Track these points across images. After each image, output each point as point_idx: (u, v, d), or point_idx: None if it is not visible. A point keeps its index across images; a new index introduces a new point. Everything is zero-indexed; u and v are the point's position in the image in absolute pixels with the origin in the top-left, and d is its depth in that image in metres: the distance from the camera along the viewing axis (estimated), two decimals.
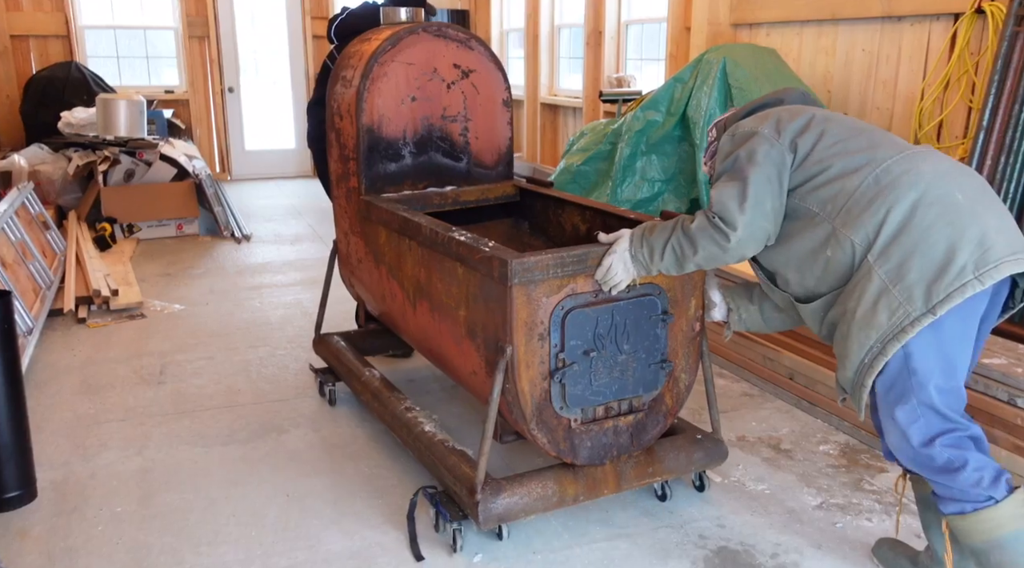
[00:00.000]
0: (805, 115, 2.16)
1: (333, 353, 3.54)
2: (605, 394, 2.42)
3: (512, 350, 2.26)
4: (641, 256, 2.24)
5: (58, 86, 7.93)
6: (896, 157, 2.02)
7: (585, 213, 3.04)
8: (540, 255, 2.24)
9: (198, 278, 5.49)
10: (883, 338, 1.94)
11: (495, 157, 3.39)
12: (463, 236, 2.46)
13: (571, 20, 8.02)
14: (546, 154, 8.49)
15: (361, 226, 3.23)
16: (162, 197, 6.62)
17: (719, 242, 2.11)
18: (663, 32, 6.58)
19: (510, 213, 3.47)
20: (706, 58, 4.72)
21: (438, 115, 3.23)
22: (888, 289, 1.93)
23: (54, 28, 8.57)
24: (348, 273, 3.56)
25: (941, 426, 2.00)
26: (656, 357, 2.46)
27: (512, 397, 2.32)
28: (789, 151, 2.11)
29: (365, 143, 3.11)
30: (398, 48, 3.09)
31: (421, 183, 3.25)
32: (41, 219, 5.55)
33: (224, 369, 3.91)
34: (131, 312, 4.74)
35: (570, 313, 2.29)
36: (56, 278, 4.97)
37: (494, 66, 3.31)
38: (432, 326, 2.77)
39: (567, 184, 5.46)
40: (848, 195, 2.01)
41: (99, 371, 3.88)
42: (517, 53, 9.23)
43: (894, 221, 1.94)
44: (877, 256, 1.95)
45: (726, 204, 2.09)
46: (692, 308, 2.51)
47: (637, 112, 5.01)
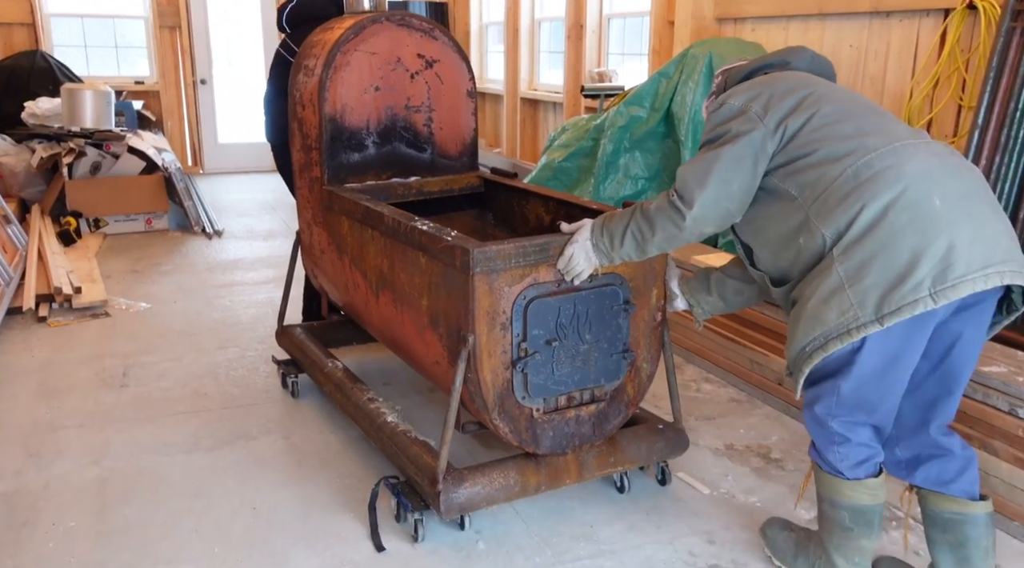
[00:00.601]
0: (799, 94, 2.09)
1: (296, 344, 3.50)
2: (567, 384, 2.41)
3: (474, 339, 2.25)
4: (602, 244, 2.22)
5: (23, 75, 7.66)
6: (882, 150, 1.96)
7: (549, 204, 3.03)
8: (502, 244, 2.22)
9: (166, 275, 5.30)
10: (827, 334, 1.94)
11: (459, 148, 3.37)
12: (425, 225, 2.45)
13: (552, 13, 7.89)
14: (526, 149, 8.36)
15: (324, 216, 3.18)
16: (130, 191, 6.40)
17: (675, 220, 2.09)
18: (646, 26, 6.47)
19: (475, 204, 3.43)
20: (691, 53, 4.61)
21: (402, 105, 3.20)
22: (843, 288, 1.91)
23: (19, 16, 8.28)
24: (311, 264, 3.50)
25: (846, 412, 2.05)
26: (618, 347, 2.47)
27: (474, 386, 2.31)
28: (773, 134, 2.05)
29: (328, 133, 3.07)
30: (361, 37, 3.06)
31: (385, 173, 3.23)
32: (1, 213, 5.34)
33: (191, 371, 3.74)
34: (95, 311, 4.55)
35: (532, 303, 2.29)
36: (16, 275, 4.76)
37: (458, 56, 3.28)
38: (395, 316, 2.75)
39: (548, 180, 5.34)
40: (826, 185, 1.97)
41: (59, 373, 3.69)
42: (496, 47, 9.09)
43: (864, 220, 1.90)
44: (841, 252, 1.92)
45: (687, 181, 2.07)
46: (654, 298, 2.51)
47: (620, 107, 4.89)
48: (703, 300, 2.54)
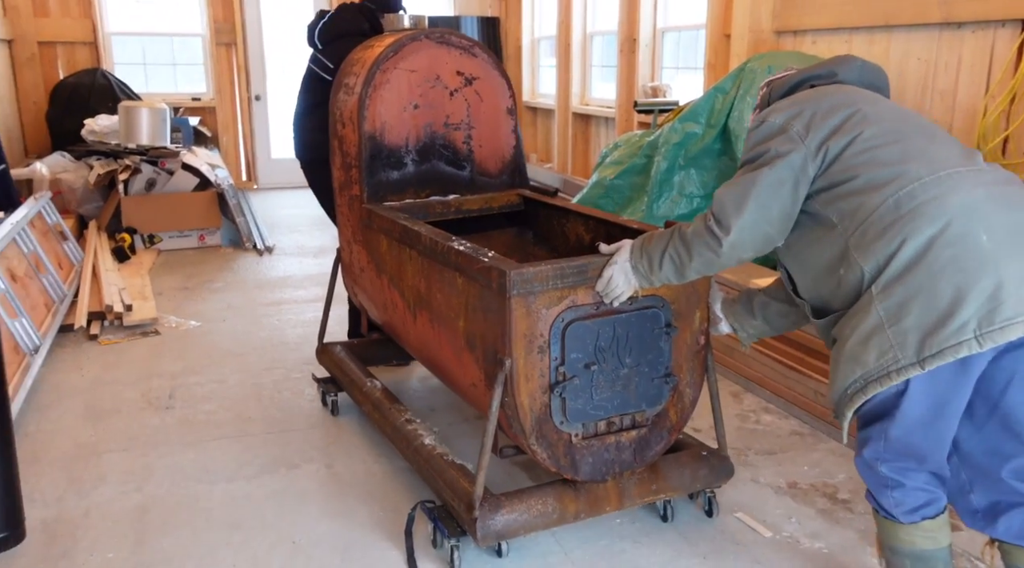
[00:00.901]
0: (843, 112, 1.97)
1: (335, 363, 3.49)
2: (607, 408, 2.36)
3: (511, 363, 2.21)
4: (641, 266, 2.17)
5: (83, 93, 7.83)
6: (926, 179, 1.85)
7: (589, 223, 2.98)
8: (539, 266, 2.19)
9: (216, 292, 5.31)
10: (866, 376, 1.87)
11: (499, 165, 3.34)
12: (462, 246, 2.41)
13: (604, 27, 7.78)
14: (577, 165, 8.25)
15: (363, 235, 3.18)
16: (183, 207, 6.46)
17: (712, 247, 2.03)
18: (701, 40, 6.31)
19: (514, 222, 3.39)
20: (749, 67, 4.45)
21: (441, 123, 3.19)
22: (883, 327, 1.83)
23: (81, 35, 8.48)
24: (351, 282, 3.49)
25: (896, 458, 1.96)
26: (660, 371, 2.41)
27: (511, 411, 2.26)
28: (815, 156, 1.96)
29: (367, 151, 3.07)
30: (400, 55, 3.06)
31: (424, 191, 3.21)
32: (58, 229, 5.41)
33: (236, 394, 3.70)
34: (145, 329, 4.56)
35: (571, 325, 2.24)
36: (70, 292, 4.81)
37: (498, 73, 3.26)
38: (432, 337, 2.72)
39: (599, 198, 5.21)
40: (867, 214, 1.88)
41: (106, 394, 3.69)
42: (548, 61, 9.00)
43: (905, 256, 1.81)
44: (880, 289, 1.84)
45: (724, 205, 2.01)
46: (697, 321, 2.44)
47: (675, 123, 4.74)
48: (747, 324, 2.46)
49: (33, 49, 8.24)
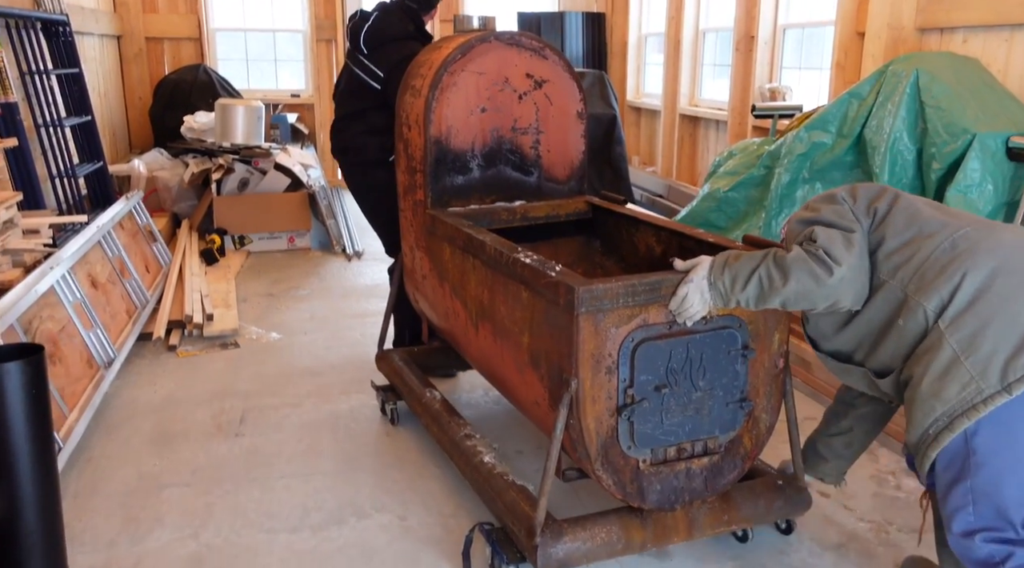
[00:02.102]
0: (877, 186, 2.12)
1: (395, 371, 3.40)
2: (677, 434, 2.24)
3: (577, 384, 2.10)
4: (721, 284, 2.07)
5: (185, 89, 7.83)
6: (975, 225, 1.94)
7: (660, 234, 2.85)
8: (609, 283, 2.08)
9: (301, 300, 5.10)
10: (951, 413, 1.82)
11: (567, 171, 3.23)
12: (528, 258, 2.30)
13: (718, 23, 7.26)
14: (683, 170, 7.75)
15: (426, 241, 3.08)
16: (274, 208, 6.32)
17: (819, 275, 1.95)
18: (827, 37, 5.74)
19: (581, 230, 3.27)
20: (891, 70, 3.91)
21: (508, 127, 3.09)
22: (959, 360, 1.81)
23: (187, 31, 8.52)
24: (413, 288, 3.39)
25: (990, 522, 1.83)
26: (735, 395, 2.28)
27: (576, 434, 2.16)
28: (867, 214, 2.03)
29: (432, 155, 2.98)
30: (468, 57, 2.95)
31: (489, 197, 3.12)
32: (148, 230, 5.32)
33: (310, 420, 3.44)
34: (225, 340, 4.38)
35: (641, 345, 2.13)
36: (153, 297, 4.68)
37: (569, 76, 3.14)
38: (494, 350, 2.62)
39: (711, 212, 4.75)
40: (923, 259, 1.92)
41: (176, 414, 3.49)
42: (655, 59, 8.52)
43: (970, 286, 1.83)
44: (949, 323, 1.84)
45: (833, 240, 1.97)
46: (776, 343, 2.30)
47: (800, 132, 4.24)
48: (825, 469, 2.47)
49: (140, 44, 8.31)
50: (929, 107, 3.64)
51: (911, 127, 3.73)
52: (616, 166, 6.69)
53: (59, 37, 5.70)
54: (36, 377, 2.19)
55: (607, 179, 6.68)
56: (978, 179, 3.41)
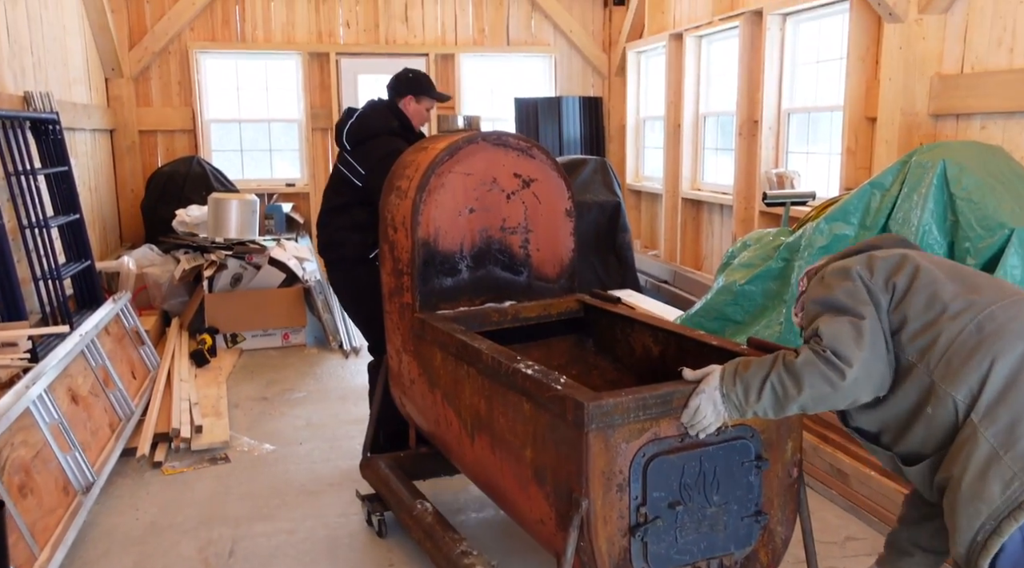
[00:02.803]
0: (897, 254, 2.00)
1: (382, 480, 3.25)
2: (692, 552, 2.15)
3: (588, 504, 2.01)
4: (734, 396, 1.97)
5: (179, 181, 7.67)
6: (1001, 303, 1.83)
7: (657, 334, 2.77)
8: (619, 396, 2.00)
9: (296, 405, 4.82)
10: (996, 515, 1.70)
11: (557, 269, 3.21)
12: (530, 368, 2.21)
13: (719, 108, 7.19)
14: (687, 255, 7.58)
15: (415, 345, 2.99)
16: (269, 304, 6.09)
17: (831, 379, 1.85)
18: (835, 121, 5.64)
19: (574, 329, 3.20)
20: (916, 160, 3.75)
21: (497, 227, 3.07)
22: (999, 456, 1.71)
23: (181, 123, 8.43)
24: (399, 393, 3.28)
25: None
26: (749, 509, 2.20)
27: (587, 557, 2.06)
28: (884, 291, 1.92)
29: (420, 257, 2.93)
30: (456, 158, 2.93)
31: (479, 298, 3.07)
32: (135, 332, 5.07)
33: (305, 550, 3.13)
34: (214, 454, 4.09)
35: (653, 460, 2.05)
36: (139, 408, 4.40)
37: (556, 174, 3.14)
38: (493, 463, 2.50)
39: (727, 305, 4.53)
40: (948, 343, 1.81)
41: (159, 547, 3.18)
42: (654, 141, 8.46)
43: (1000, 375, 1.74)
44: (982, 416, 1.74)
45: (839, 337, 1.86)
46: (789, 452, 2.24)
47: (820, 224, 4.06)
48: (910, 564, 2.25)
49: (134, 137, 8.21)
50: (960, 200, 3.46)
51: (940, 220, 3.55)
52: (621, 255, 6.52)
53: (49, 135, 5.56)
54: None
55: (612, 267, 6.50)
56: (1020, 276, 3.20)
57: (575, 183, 6.44)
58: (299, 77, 8.50)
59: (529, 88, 8.94)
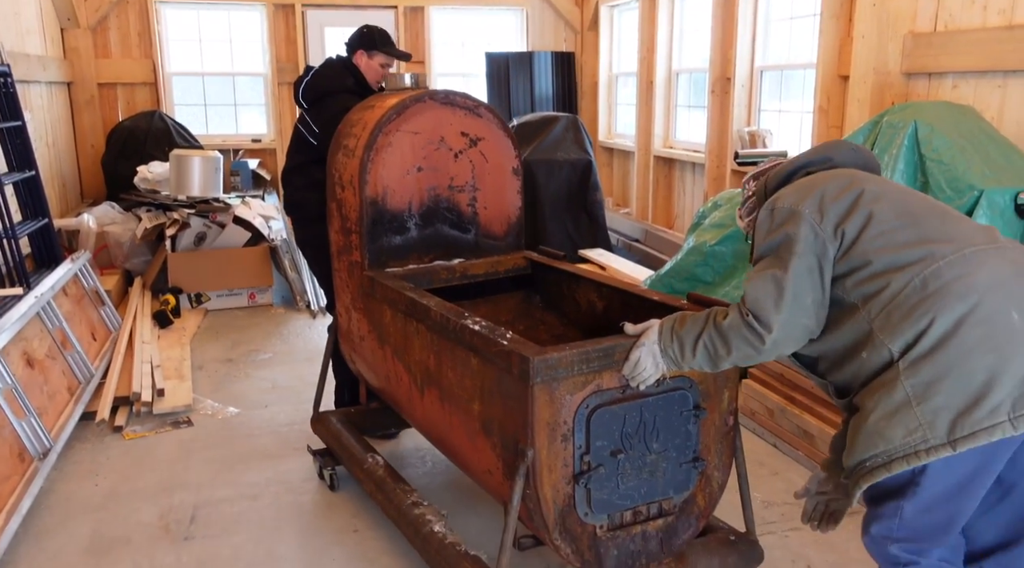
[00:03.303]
0: (852, 192, 1.93)
1: (333, 435, 3.29)
2: (633, 497, 2.23)
3: (534, 453, 2.08)
4: (671, 351, 2.05)
5: (140, 137, 7.45)
6: (950, 257, 1.82)
7: (602, 289, 2.84)
8: (563, 351, 2.05)
9: (262, 367, 4.76)
10: (891, 453, 1.82)
11: (504, 227, 3.24)
12: (478, 325, 2.25)
13: (692, 65, 7.10)
14: (659, 213, 7.54)
15: (364, 302, 3.02)
16: (233, 264, 5.97)
17: (753, 343, 1.92)
18: (807, 79, 5.58)
19: (521, 286, 3.25)
20: (886, 120, 3.71)
21: (445, 185, 3.08)
22: (910, 405, 1.79)
23: (142, 76, 8.17)
24: (349, 349, 3.29)
25: (907, 536, 1.90)
26: (688, 455, 2.29)
27: (533, 504, 2.13)
28: (833, 239, 1.90)
29: (368, 216, 2.93)
30: (404, 117, 2.93)
31: (427, 256, 3.09)
32: (95, 293, 4.95)
33: (268, 516, 3.10)
34: (177, 417, 4.02)
35: (596, 411, 2.12)
36: (99, 371, 4.30)
37: (504, 133, 3.15)
38: (442, 417, 2.56)
39: (697, 265, 4.51)
40: (892, 295, 1.83)
41: (119, 514, 3.13)
42: (627, 98, 8.36)
43: (935, 334, 1.77)
44: (908, 366, 1.80)
45: (761, 301, 1.90)
46: (725, 401, 2.34)
47: None
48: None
49: (92, 91, 7.95)
50: (930, 161, 3.43)
51: (911, 181, 3.52)
52: (592, 213, 6.46)
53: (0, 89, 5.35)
54: None
55: (583, 226, 6.44)
56: None
57: (546, 141, 6.35)
58: (264, 29, 8.26)
59: (500, 43, 8.77)
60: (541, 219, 6.26)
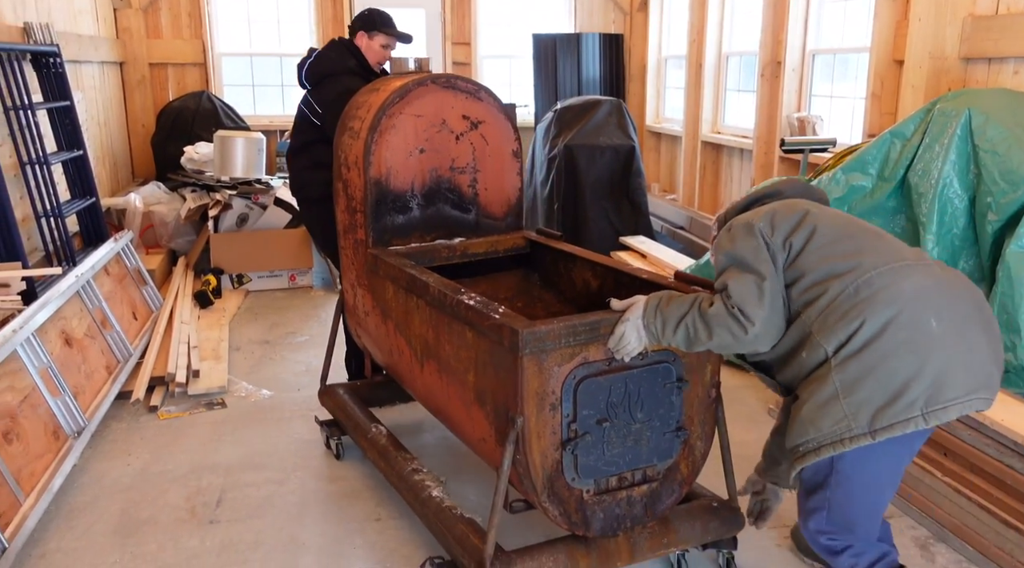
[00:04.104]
0: (798, 212, 2.19)
1: (339, 406, 3.44)
2: (619, 464, 2.34)
3: (523, 421, 2.18)
4: (654, 327, 2.17)
5: (188, 117, 7.54)
6: (881, 268, 2.04)
7: (596, 269, 2.97)
8: (552, 324, 2.16)
9: (297, 349, 4.78)
10: (819, 440, 2.02)
11: (504, 208, 3.34)
12: (472, 299, 2.37)
13: (742, 47, 6.90)
14: (705, 200, 7.38)
15: (368, 279, 3.14)
16: (274, 245, 6.01)
17: (735, 333, 2.08)
18: (861, 64, 5.37)
19: (520, 264, 3.38)
20: (939, 108, 3.54)
21: (447, 167, 3.18)
22: (838, 398, 2.00)
23: (192, 56, 8.25)
24: (355, 324, 3.43)
25: (836, 527, 2.17)
26: (671, 425, 2.40)
27: (523, 468, 2.24)
28: (782, 249, 2.13)
29: (373, 196, 3.04)
30: (407, 100, 3.03)
31: (429, 235, 3.20)
32: (137, 273, 5.02)
33: (292, 502, 3.11)
34: (211, 398, 4.06)
35: (583, 382, 2.23)
36: (138, 350, 4.37)
37: (504, 117, 3.24)
38: (440, 388, 2.70)
39: None
40: (828, 301, 2.05)
41: (147, 495, 3.16)
42: (675, 82, 8.18)
43: (864, 335, 1.98)
44: (839, 362, 2.00)
45: (745, 297, 2.07)
46: (708, 374, 2.44)
47: (837, 173, 3.87)
48: (778, 472, 2.47)
49: (144, 71, 8.06)
50: (983, 151, 3.26)
51: (962, 173, 3.36)
52: (634, 199, 6.33)
53: (50, 68, 5.44)
54: None
55: (625, 213, 6.33)
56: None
57: (588, 125, 6.24)
58: (311, 9, 8.27)
59: (548, 24, 8.64)
60: (582, 205, 6.17)
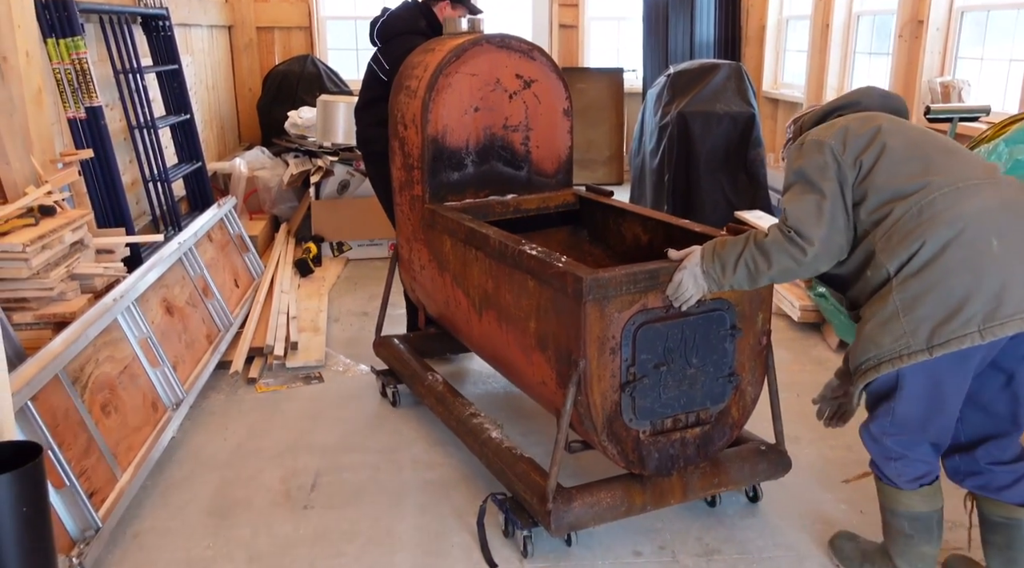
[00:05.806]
0: (871, 128, 2.19)
1: (395, 355, 3.59)
2: (673, 406, 2.43)
3: (585, 364, 2.27)
4: (713, 271, 2.24)
5: (292, 81, 7.51)
6: (945, 189, 2.06)
7: (647, 223, 3.03)
8: (613, 272, 2.24)
9: (396, 322, 4.62)
10: (880, 357, 2.09)
11: (555, 166, 3.43)
12: (535, 250, 2.46)
13: (877, 6, 6.32)
14: None
15: (424, 234, 3.24)
16: (375, 213, 5.79)
17: (795, 256, 2.14)
18: (1020, 21, 4.80)
19: (569, 221, 3.47)
20: None
21: (500, 125, 3.26)
22: (898, 316, 2.04)
23: (298, 19, 8.22)
24: (409, 279, 3.57)
25: (899, 432, 2.20)
26: (724, 370, 2.48)
27: (584, 409, 2.34)
28: (852, 167, 2.15)
29: (429, 153, 3.13)
30: (462, 60, 3.10)
31: (482, 191, 3.29)
32: (240, 239, 4.98)
33: (388, 491, 2.95)
34: (309, 372, 3.97)
35: (641, 328, 2.31)
36: (238, 318, 4.32)
37: (555, 76, 3.32)
38: (499, 335, 2.79)
39: None
40: (893, 222, 2.08)
41: (242, 473, 3.08)
42: (797, 44, 7.62)
43: (924, 255, 2.02)
44: (899, 282, 2.05)
45: (802, 218, 2.13)
46: (759, 323, 2.51)
47: (999, 146, 3.42)
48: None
49: (251, 34, 8.07)
50: None
51: None
52: (752, 172, 5.90)
53: (159, 31, 5.43)
54: (31, 490, 1.76)
55: (741, 185, 5.91)
56: None
57: (704, 91, 5.84)
58: None
59: None
60: (695, 177, 5.79)
